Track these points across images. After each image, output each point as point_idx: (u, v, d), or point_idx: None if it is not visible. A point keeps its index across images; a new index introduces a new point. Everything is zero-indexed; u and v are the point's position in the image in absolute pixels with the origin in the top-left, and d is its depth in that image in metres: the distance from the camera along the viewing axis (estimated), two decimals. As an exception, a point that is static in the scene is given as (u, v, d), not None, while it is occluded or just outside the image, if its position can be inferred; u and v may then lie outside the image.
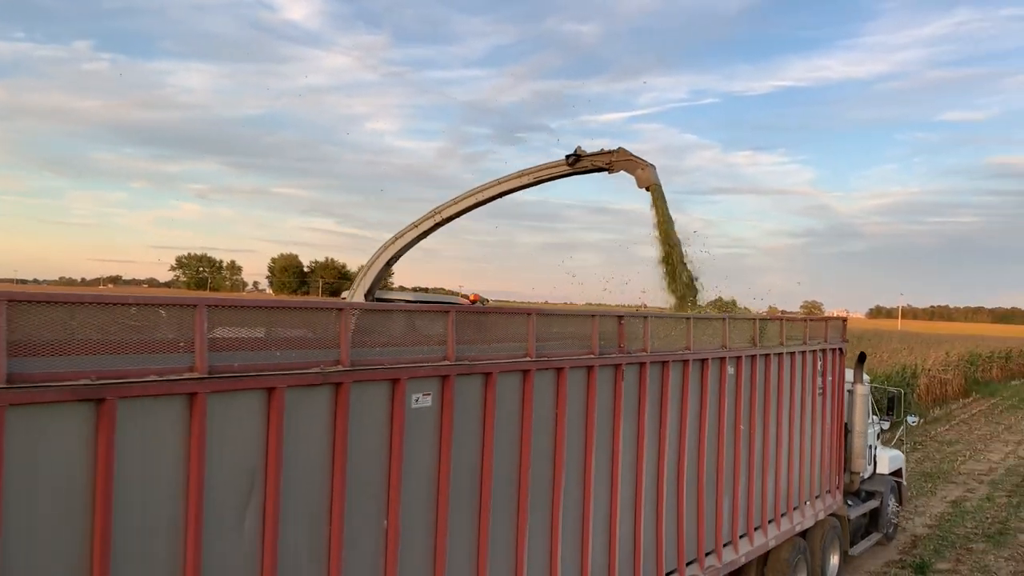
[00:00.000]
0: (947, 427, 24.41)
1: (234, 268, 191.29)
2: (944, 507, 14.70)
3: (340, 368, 4.21)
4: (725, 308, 11.07)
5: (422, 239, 12.12)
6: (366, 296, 12.30)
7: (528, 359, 5.43)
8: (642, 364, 6.65)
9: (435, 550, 4.79)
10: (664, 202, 10.74)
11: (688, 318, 7.62)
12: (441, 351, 4.77)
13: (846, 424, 11.05)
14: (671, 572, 7.02)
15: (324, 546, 4.21)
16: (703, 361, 7.51)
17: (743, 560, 8.00)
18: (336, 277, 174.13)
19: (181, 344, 3.61)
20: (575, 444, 5.96)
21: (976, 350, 45.15)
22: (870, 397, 11.76)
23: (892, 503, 12.32)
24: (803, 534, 9.40)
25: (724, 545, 7.78)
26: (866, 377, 11.67)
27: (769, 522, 8.61)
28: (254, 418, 3.86)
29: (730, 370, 7.91)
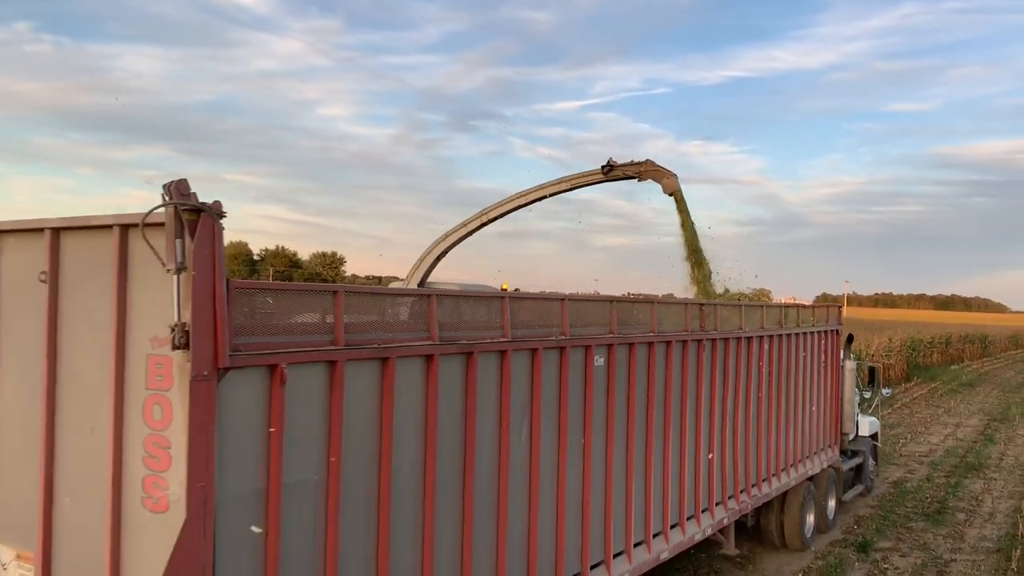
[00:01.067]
0: (889, 411, 25.03)
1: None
2: (886, 488, 15.09)
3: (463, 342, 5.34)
4: (745, 298, 12.64)
5: (469, 236, 13.68)
6: (419, 286, 13.24)
7: (611, 335, 6.82)
8: (713, 340, 8.65)
9: (500, 474, 5.66)
10: (686, 206, 12.36)
11: (739, 305, 9.63)
12: (499, 331, 5.62)
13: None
14: (742, 489, 9.48)
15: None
16: (750, 339, 9.51)
17: (774, 493, 10.39)
18: (287, 265, 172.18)
19: (417, 324, 4.92)
20: (674, 394, 7.87)
21: (918, 336, 46.36)
22: (855, 371, 13.68)
23: (871, 461, 14.47)
24: (811, 479, 11.58)
25: (763, 480, 10.05)
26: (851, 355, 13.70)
27: (791, 466, 10.94)
28: (460, 372, 5.22)
29: (765, 346, 9.96)
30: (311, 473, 4.22)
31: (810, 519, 11.48)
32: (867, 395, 15.03)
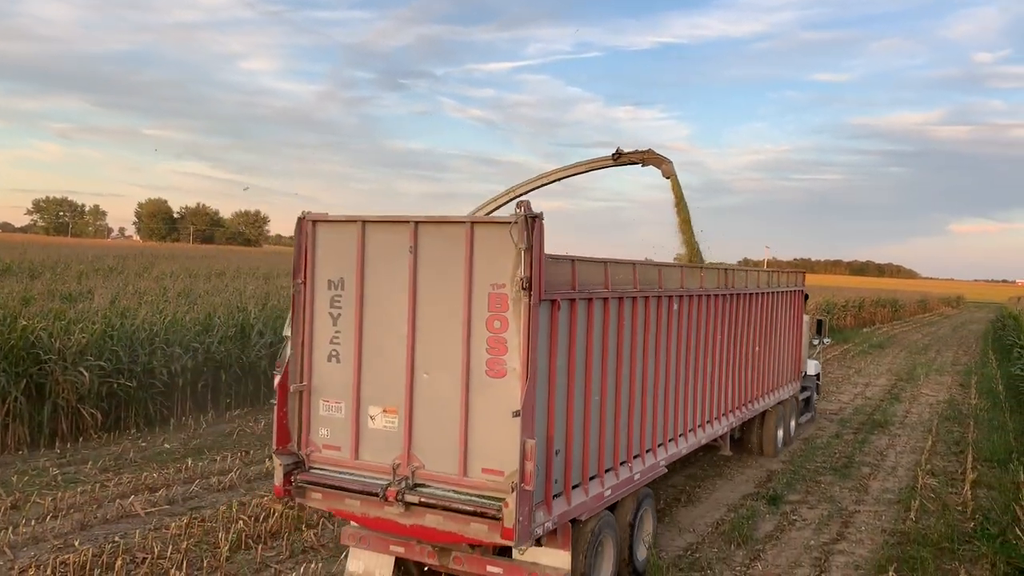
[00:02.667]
0: (803, 371, 25.90)
1: (98, 213, 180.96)
2: (797, 444, 15.68)
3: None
4: (776, 264, 16.25)
5: (497, 210, 15.20)
6: None
7: (681, 290, 9.80)
8: (729, 295, 11.52)
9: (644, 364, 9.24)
10: (680, 188, 14.57)
11: (742, 270, 12.55)
12: (632, 287, 8.51)
13: None
14: (740, 406, 12.53)
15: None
16: (750, 295, 12.49)
17: (759, 411, 13.62)
18: (208, 224, 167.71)
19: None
20: (708, 333, 10.89)
21: (832, 300, 47.98)
22: (809, 324, 17.36)
23: (815, 395, 18.29)
24: (781, 404, 14.86)
25: (751, 401, 13.06)
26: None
27: (769, 392, 14.08)
28: (621, 308, 8.26)
29: (758, 301, 12.95)
30: (571, 361, 7.26)
31: (780, 433, 14.97)
32: (815, 343, 18.50)
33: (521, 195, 14.92)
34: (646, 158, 14.90)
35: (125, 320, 15.16)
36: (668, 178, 14.55)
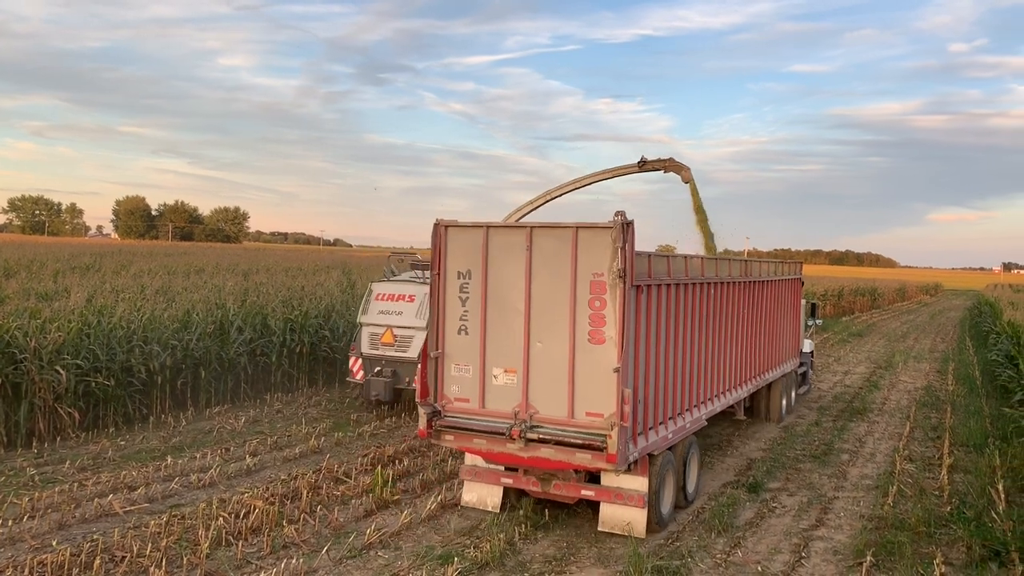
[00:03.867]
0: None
1: (75, 211, 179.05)
2: (777, 432, 15.79)
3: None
4: (757, 254, 18.54)
5: (534, 210, 16.56)
6: None
7: (726, 276, 12.43)
8: (754, 283, 14.03)
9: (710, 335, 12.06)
10: (697, 191, 16.40)
11: (760, 261, 14.84)
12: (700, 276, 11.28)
13: None
14: (756, 375, 14.66)
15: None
16: (763, 282, 14.74)
17: (769, 380, 15.63)
18: (187, 221, 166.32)
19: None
20: (748, 317, 13.77)
21: (812, 289, 48.29)
22: (805, 307, 19.33)
23: (810, 371, 20.27)
24: (784, 376, 16.91)
25: (763, 372, 15.18)
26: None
27: (776, 366, 16.12)
28: (688, 293, 10.71)
29: (768, 287, 15.14)
30: (647, 333, 9.40)
31: (784, 402, 17.04)
32: (810, 324, 20.43)
33: (555, 198, 16.89)
34: (668, 166, 16.62)
35: (102, 318, 15.02)
36: (687, 183, 16.46)
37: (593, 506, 10.15)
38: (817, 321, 21.42)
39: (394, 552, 8.85)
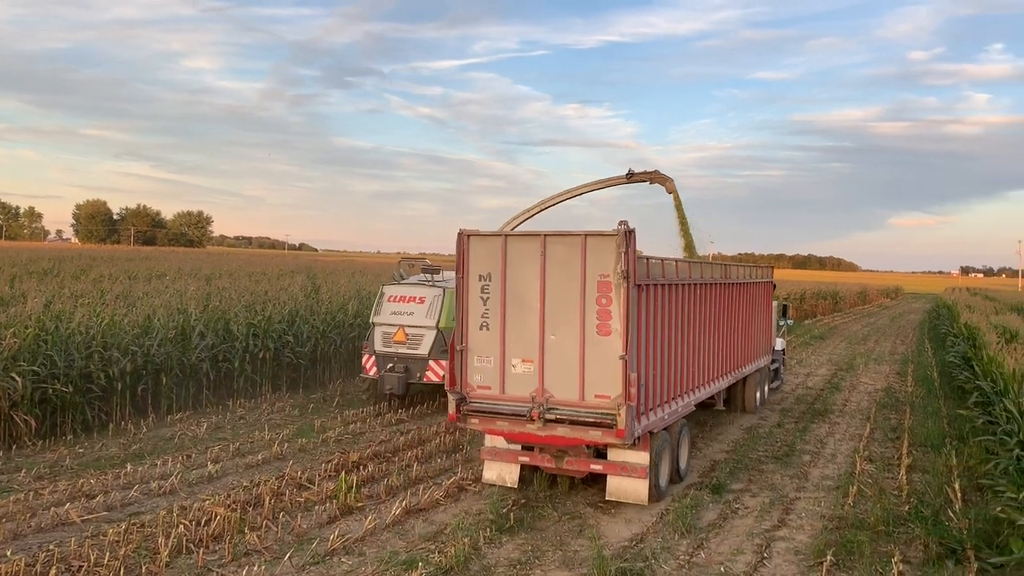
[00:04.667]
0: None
1: (33, 215, 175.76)
2: (740, 434, 15.94)
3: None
4: (721, 258, 19.86)
5: (530, 218, 18.42)
6: None
7: (709, 278, 13.84)
8: (732, 284, 15.36)
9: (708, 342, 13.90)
10: (680, 200, 18.52)
11: (737, 265, 16.42)
12: (695, 279, 12.92)
13: None
14: (734, 368, 15.97)
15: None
16: (740, 284, 16.09)
17: (745, 374, 16.97)
18: (149, 225, 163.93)
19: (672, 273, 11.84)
20: (727, 315, 15.07)
21: (776, 292, 48.77)
22: (777, 308, 21.01)
23: (781, 367, 21.66)
24: (759, 371, 18.37)
25: (740, 366, 16.46)
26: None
27: (751, 361, 17.50)
28: (685, 294, 12.46)
29: (744, 289, 16.50)
30: (646, 326, 10.70)
31: (758, 395, 18.60)
32: (781, 324, 21.94)
33: (550, 206, 18.90)
34: (653, 177, 18.68)
35: (60, 324, 14.76)
36: (671, 193, 18.62)
37: (560, 508, 10.14)
38: (788, 321, 22.93)
39: (358, 558, 8.80)
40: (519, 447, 11.35)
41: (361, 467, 12.31)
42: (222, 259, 58.19)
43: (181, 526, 9.25)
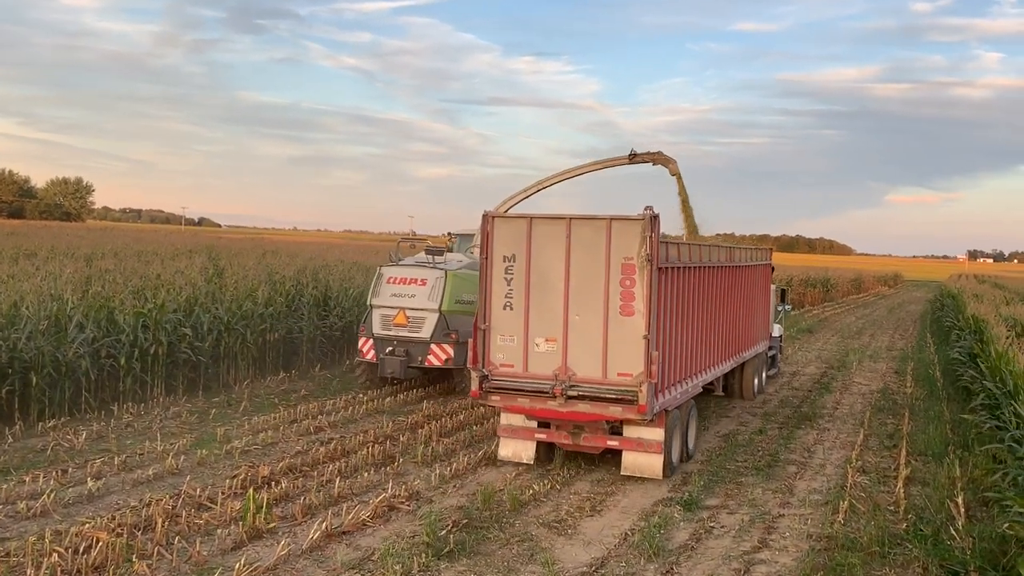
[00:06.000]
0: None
1: None
2: (716, 442, 16.20)
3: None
4: (725, 239, 22.27)
5: (525, 199, 21.20)
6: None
7: (717, 261, 16.38)
8: (736, 267, 17.74)
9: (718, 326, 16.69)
10: (683, 183, 21.32)
11: (739, 248, 18.55)
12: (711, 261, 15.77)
13: None
14: (735, 353, 18.30)
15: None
16: (743, 267, 18.57)
17: (745, 359, 19.46)
18: (16, 194, 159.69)
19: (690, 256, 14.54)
20: (730, 299, 17.38)
21: (773, 276, 49.53)
22: (775, 292, 23.44)
23: (779, 354, 24.35)
24: (756, 357, 20.69)
25: (740, 351, 18.81)
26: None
27: (750, 346, 19.78)
28: (701, 275, 15.15)
29: (746, 272, 18.84)
30: (665, 308, 12.86)
31: (756, 381, 21.00)
32: (779, 309, 24.33)
33: (546, 187, 21.61)
34: (656, 158, 21.18)
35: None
36: (674, 175, 21.26)
37: (508, 530, 10.20)
38: (787, 306, 25.63)
39: (269, 590, 8.74)
40: (535, 424, 13.49)
41: (273, 483, 12.23)
42: (105, 235, 57.06)
43: (55, 555, 9.09)
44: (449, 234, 24.05)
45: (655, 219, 12.10)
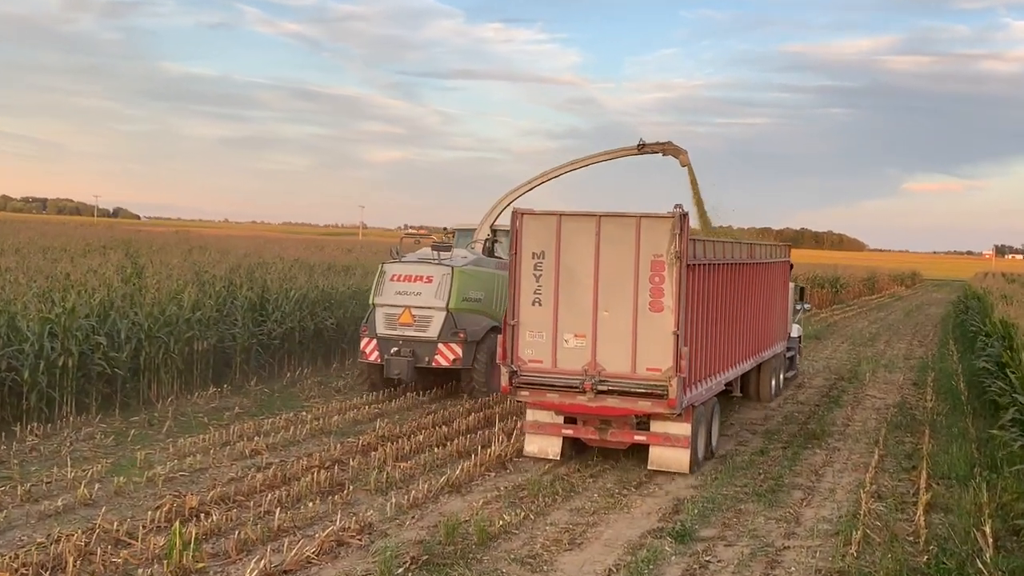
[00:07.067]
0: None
1: None
2: (712, 464, 16.30)
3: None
4: (731, 234, 22.92)
5: (531, 191, 23.33)
6: (490, 230, 23.62)
7: (739, 258, 18.74)
8: (757, 264, 20.12)
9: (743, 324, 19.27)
10: (694, 175, 23.09)
11: (759, 244, 20.85)
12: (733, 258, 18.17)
13: None
14: (755, 352, 20.35)
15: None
16: (762, 264, 20.69)
17: (763, 359, 21.57)
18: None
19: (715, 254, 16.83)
20: (751, 297, 19.76)
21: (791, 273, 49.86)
22: (793, 290, 25.55)
23: (797, 356, 26.55)
24: (774, 357, 22.84)
25: (760, 350, 20.85)
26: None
27: (769, 346, 21.94)
28: (728, 272, 17.67)
29: (765, 269, 20.98)
30: (693, 303, 14.88)
31: (773, 383, 22.99)
32: (798, 308, 26.43)
33: (551, 179, 23.49)
34: (666, 149, 23.03)
35: None
36: (685, 166, 23.07)
37: (476, 566, 10.22)
38: (805, 305, 28.49)
39: (198, 638, 8.70)
40: (562, 420, 15.49)
41: (202, 515, 12.16)
42: (4, 229, 56.42)
43: (-53, 600, 8.99)
44: (445, 229, 25.61)
45: (684, 217, 14.23)
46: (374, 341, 20.65)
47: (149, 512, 12.13)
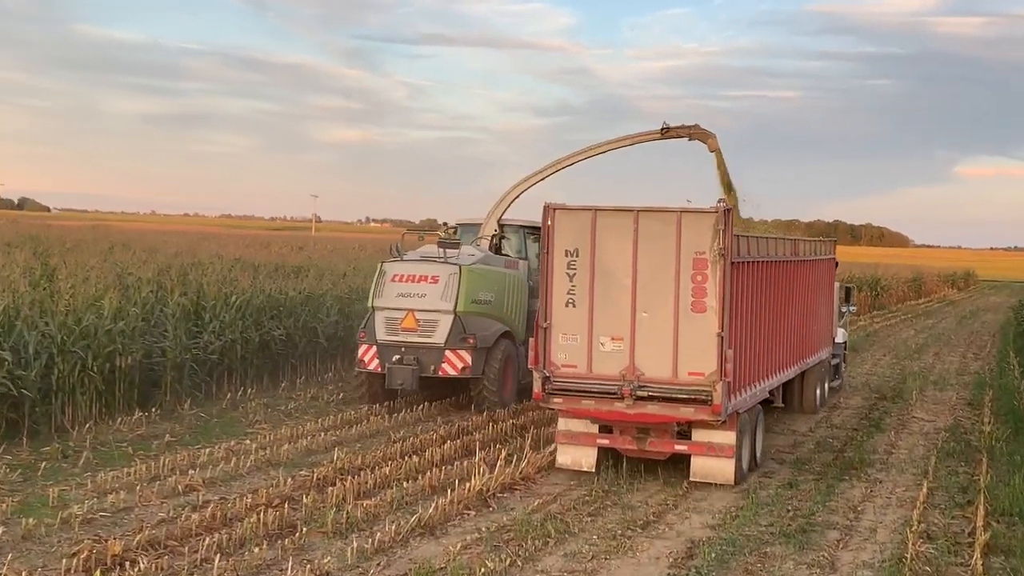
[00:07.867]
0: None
1: None
2: (732, 499, 16.29)
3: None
4: (769, 229, 23.40)
5: (541, 181, 24.69)
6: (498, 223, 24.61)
7: (782, 256, 20.23)
8: (802, 262, 21.81)
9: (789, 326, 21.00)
10: (724, 161, 24.04)
11: (803, 240, 22.35)
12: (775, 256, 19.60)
13: None
14: (800, 358, 21.98)
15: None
16: (808, 262, 22.31)
17: (808, 366, 22.99)
18: None
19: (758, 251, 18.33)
20: (796, 297, 21.38)
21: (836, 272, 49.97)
22: (839, 291, 26.97)
23: (843, 364, 28.28)
24: (819, 364, 24.16)
25: (805, 356, 22.33)
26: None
27: (814, 352, 23.32)
28: (767, 270, 18.94)
29: (810, 267, 22.41)
30: (737, 303, 16.31)
31: (818, 392, 24.34)
32: (843, 310, 27.92)
33: (566, 167, 24.72)
34: (693, 133, 24.07)
35: None
36: (713, 152, 24.08)
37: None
38: (851, 307, 29.64)
39: None
40: (596, 429, 16.77)
41: (127, 563, 12.11)
42: None
43: None
44: (445, 224, 26.57)
45: (728, 212, 15.53)
46: (374, 348, 21.43)
47: (64, 560, 12.07)
